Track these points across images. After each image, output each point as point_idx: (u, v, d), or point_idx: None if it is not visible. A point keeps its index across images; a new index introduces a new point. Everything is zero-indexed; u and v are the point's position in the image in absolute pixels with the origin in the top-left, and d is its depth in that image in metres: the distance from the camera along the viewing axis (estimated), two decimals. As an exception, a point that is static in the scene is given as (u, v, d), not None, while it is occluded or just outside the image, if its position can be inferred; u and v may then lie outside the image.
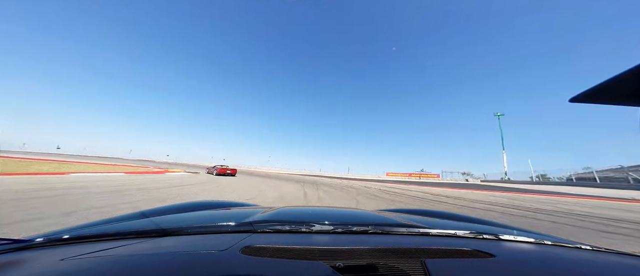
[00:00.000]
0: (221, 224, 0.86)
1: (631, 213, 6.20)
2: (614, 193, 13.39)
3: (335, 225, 0.90)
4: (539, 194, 12.00)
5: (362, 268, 0.51)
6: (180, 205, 1.42)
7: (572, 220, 5.11)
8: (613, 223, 4.83)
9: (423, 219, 1.23)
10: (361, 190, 12.15)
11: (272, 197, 7.62)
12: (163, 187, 8.36)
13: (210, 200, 1.64)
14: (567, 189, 16.70)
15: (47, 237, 0.69)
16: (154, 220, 0.93)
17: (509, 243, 0.82)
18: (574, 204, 7.90)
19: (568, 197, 10.34)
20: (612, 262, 0.69)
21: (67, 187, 6.59)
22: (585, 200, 9.14)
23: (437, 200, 8.74)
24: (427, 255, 0.59)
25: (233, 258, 0.53)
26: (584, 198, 9.83)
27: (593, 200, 9.17)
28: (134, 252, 0.57)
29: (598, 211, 6.30)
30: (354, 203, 7.17)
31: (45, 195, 5.23)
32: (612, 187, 19.19)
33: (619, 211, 6.49)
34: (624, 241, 3.49)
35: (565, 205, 7.68)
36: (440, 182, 31.99)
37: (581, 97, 0.55)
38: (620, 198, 10.03)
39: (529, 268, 0.60)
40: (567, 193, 12.42)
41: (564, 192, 13.39)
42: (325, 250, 0.60)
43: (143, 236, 0.71)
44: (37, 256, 0.56)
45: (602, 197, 10.77)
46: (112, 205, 4.64)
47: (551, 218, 5.23)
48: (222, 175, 19.41)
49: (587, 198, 10.11)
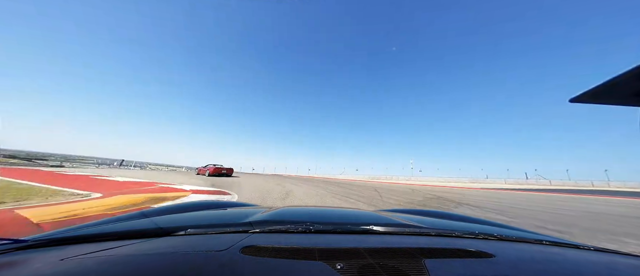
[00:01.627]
0: (221, 224, 0.86)
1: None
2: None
3: (335, 225, 0.89)
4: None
5: (362, 268, 0.51)
6: (180, 205, 1.42)
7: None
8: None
9: (423, 219, 1.23)
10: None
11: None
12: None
13: (210, 200, 1.64)
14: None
15: (47, 237, 0.69)
16: (154, 220, 0.92)
17: (508, 243, 0.82)
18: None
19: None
20: (612, 262, 0.69)
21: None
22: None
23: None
24: (427, 255, 0.59)
25: (233, 258, 0.53)
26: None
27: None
28: (134, 252, 0.57)
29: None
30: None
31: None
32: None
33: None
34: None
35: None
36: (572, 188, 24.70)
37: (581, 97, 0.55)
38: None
39: (529, 268, 0.60)
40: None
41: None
42: (325, 250, 0.60)
43: (143, 236, 0.71)
44: (37, 256, 0.56)
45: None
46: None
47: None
48: (215, 175, 17.64)
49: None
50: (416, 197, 8.71)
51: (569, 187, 29.97)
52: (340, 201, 6.95)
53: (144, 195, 5.70)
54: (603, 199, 10.36)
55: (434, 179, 46.00)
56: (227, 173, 19.45)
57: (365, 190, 11.90)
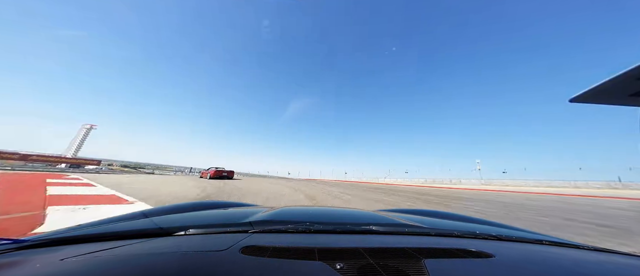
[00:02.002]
0: (221, 224, 0.86)
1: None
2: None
3: (335, 225, 0.89)
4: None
5: (362, 268, 0.50)
6: (180, 205, 1.42)
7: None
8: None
9: (423, 219, 1.23)
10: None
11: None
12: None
13: (211, 200, 1.64)
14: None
15: (47, 237, 0.69)
16: (154, 220, 0.92)
17: (508, 242, 0.82)
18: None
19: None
20: (612, 262, 0.69)
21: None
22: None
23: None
24: (427, 255, 0.59)
25: (233, 258, 0.52)
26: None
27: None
28: (134, 252, 0.57)
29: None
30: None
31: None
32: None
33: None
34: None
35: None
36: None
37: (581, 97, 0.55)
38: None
39: (529, 267, 0.60)
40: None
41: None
42: (325, 250, 0.60)
43: (143, 236, 0.71)
44: (37, 256, 0.56)
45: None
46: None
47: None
48: (216, 178, 17.86)
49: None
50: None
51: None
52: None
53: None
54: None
55: (520, 183, 32.21)
56: (228, 176, 19.76)
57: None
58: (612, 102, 0.53)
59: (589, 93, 0.53)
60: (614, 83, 0.49)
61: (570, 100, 0.59)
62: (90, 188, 7.47)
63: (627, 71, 0.47)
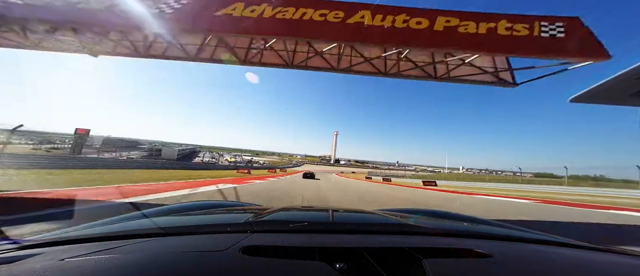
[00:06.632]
0: (221, 224, 0.86)
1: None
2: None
3: (335, 225, 0.90)
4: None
5: (362, 268, 0.50)
6: (180, 205, 1.42)
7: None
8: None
9: (423, 219, 1.23)
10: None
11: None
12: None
13: (211, 201, 1.64)
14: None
15: (47, 237, 0.69)
16: (155, 220, 0.92)
17: (508, 242, 0.82)
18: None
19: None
20: (611, 262, 0.69)
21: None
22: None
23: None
24: (427, 255, 0.59)
25: (233, 258, 0.52)
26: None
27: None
28: (134, 252, 0.57)
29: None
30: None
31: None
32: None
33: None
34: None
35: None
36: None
37: (582, 97, 0.55)
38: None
39: (528, 267, 0.60)
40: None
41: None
42: (325, 250, 0.60)
43: (143, 236, 0.71)
44: (37, 256, 0.56)
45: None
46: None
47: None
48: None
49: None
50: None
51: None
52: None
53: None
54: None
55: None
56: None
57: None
58: (612, 102, 0.53)
59: (589, 93, 0.53)
60: (614, 84, 0.49)
61: (571, 100, 0.59)
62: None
63: (627, 71, 0.47)
